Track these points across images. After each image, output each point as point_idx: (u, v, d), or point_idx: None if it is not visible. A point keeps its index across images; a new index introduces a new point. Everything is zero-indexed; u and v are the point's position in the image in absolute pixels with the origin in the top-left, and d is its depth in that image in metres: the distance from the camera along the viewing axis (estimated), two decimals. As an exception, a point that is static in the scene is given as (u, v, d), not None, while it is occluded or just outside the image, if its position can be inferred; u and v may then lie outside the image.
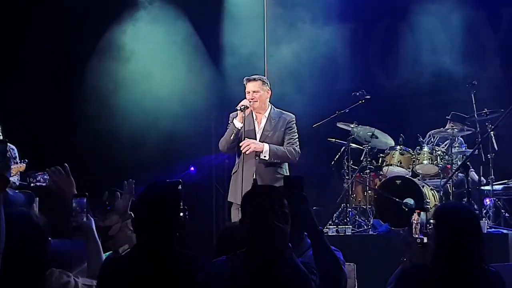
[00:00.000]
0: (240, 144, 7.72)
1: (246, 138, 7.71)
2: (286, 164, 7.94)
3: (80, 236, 3.96)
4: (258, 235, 3.49)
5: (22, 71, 10.77)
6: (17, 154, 8.68)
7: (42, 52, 10.83)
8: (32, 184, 4.14)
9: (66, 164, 4.24)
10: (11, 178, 8.17)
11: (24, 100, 10.28)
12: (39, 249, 3.69)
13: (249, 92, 7.80)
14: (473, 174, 9.77)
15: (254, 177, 7.63)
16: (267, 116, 7.87)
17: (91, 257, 3.88)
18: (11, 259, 3.51)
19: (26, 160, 8.51)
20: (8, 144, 8.72)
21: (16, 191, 4.73)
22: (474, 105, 9.97)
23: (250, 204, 3.63)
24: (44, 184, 4.16)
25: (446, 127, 10.34)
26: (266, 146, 7.73)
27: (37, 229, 3.74)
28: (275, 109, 7.96)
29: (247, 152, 7.71)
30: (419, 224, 4.09)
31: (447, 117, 10.53)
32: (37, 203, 4.31)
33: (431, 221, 4.10)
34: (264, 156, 7.73)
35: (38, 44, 10.85)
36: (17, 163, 8.54)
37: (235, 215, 7.54)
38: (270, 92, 7.92)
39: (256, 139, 7.84)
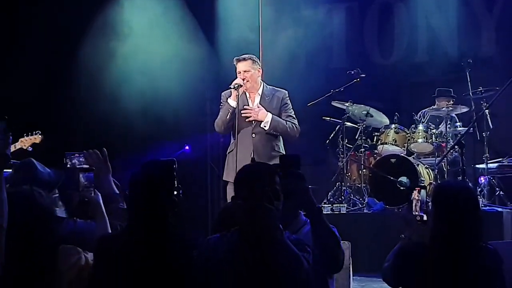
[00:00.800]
0: (242, 112, 7.64)
1: (243, 115, 7.64)
2: (282, 141, 7.88)
3: (88, 211, 3.96)
4: (248, 215, 3.47)
5: (15, 49, 10.72)
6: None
7: (36, 27, 10.78)
8: (68, 165, 4.11)
9: (104, 149, 4.21)
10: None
11: (17, 79, 10.23)
12: (44, 228, 3.68)
13: (240, 72, 7.70)
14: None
15: (252, 155, 7.57)
16: (260, 94, 7.79)
17: (100, 232, 3.88)
18: (15, 238, 3.51)
19: (40, 132, 8.44)
20: None
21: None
22: (469, 83, 9.96)
23: (241, 184, 3.62)
24: (79, 166, 4.15)
25: (436, 106, 10.34)
26: (268, 116, 7.63)
27: (40, 208, 3.73)
28: (268, 86, 7.90)
29: (246, 120, 7.63)
30: (419, 202, 4.08)
31: (432, 95, 10.54)
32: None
33: (429, 198, 4.10)
34: (264, 126, 7.62)
35: (33, 21, 10.79)
36: (30, 134, 8.44)
37: (231, 194, 7.52)
38: (261, 70, 7.85)
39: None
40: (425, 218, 4.05)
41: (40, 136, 8.37)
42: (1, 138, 3.65)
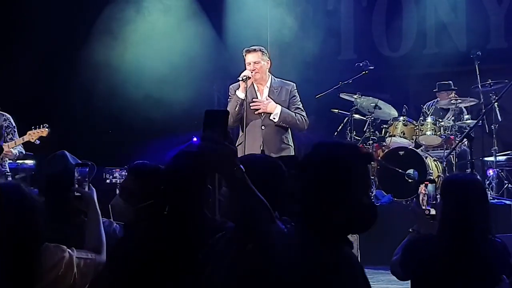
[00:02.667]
0: (251, 104, 7.62)
1: (252, 108, 7.63)
2: (290, 134, 7.87)
3: (82, 206, 3.93)
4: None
5: (22, 43, 10.74)
6: (12, 122, 8.60)
7: (43, 21, 10.79)
8: (107, 180, 4.09)
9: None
10: (17, 149, 8.25)
11: (24, 73, 10.26)
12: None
13: (249, 64, 7.67)
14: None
15: (262, 148, 7.56)
16: (269, 87, 7.77)
17: (91, 228, 3.85)
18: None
19: (47, 125, 8.44)
20: (4, 113, 8.71)
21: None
22: (478, 76, 9.93)
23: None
24: (119, 181, 4.13)
25: (440, 99, 10.34)
26: (278, 108, 7.61)
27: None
28: (275, 78, 7.88)
29: (255, 112, 7.62)
30: (426, 196, 4.06)
31: (434, 90, 10.52)
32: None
33: (437, 192, 4.09)
34: (273, 118, 7.61)
35: (40, 15, 10.81)
36: (38, 127, 8.47)
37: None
38: (270, 62, 7.83)
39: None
40: (432, 212, 4.04)
41: (47, 129, 8.37)
42: None
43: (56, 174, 4.09)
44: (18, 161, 8.79)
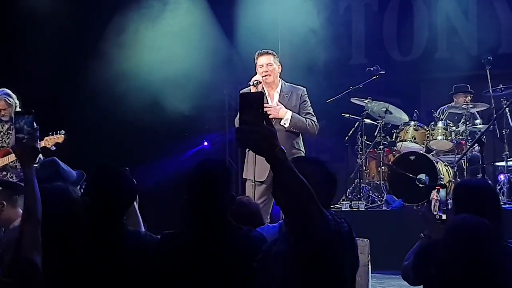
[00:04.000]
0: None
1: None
2: (301, 139, 7.87)
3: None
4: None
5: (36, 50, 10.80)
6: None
7: (56, 27, 10.84)
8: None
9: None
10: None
11: (38, 79, 10.31)
12: (75, 224, 3.70)
13: (262, 66, 7.67)
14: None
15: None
16: (279, 92, 7.76)
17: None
18: (48, 233, 3.53)
19: (63, 131, 8.51)
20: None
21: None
22: (489, 80, 9.91)
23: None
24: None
25: (454, 103, 10.32)
26: (288, 114, 7.58)
27: (73, 204, 3.74)
28: (286, 83, 7.88)
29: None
30: (438, 202, 4.06)
31: (450, 92, 10.51)
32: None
33: (450, 197, 4.08)
34: (284, 124, 7.59)
35: (53, 21, 10.86)
36: (54, 133, 8.53)
37: (249, 191, 7.52)
38: (281, 66, 7.84)
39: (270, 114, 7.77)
40: (444, 217, 4.03)
41: (63, 135, 8.44)
42: (30, 132, 3.62)
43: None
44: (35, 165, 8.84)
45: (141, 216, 4.22)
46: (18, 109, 8.67)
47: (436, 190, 4.11)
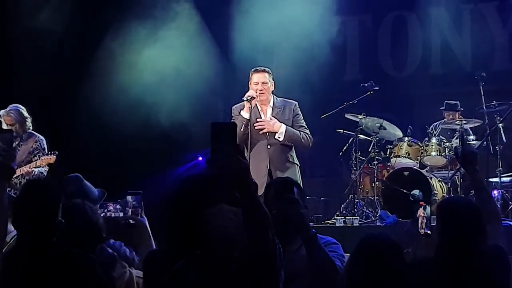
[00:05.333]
0: (256, 125, 7.66)
1: (256, 128, 7.66)
2: (295, 152, 7.90)
3: (134, 234, 3.95)
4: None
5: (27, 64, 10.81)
6: (45, 145, 8.80)
7: (50, 40, 10.86)
8: (102, 214, 4.08)
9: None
10: (38, 170, 8.43)
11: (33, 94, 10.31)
12: (96, 240, 3.70)
13: (257, 83, 7.72)
14: None
15: (268, 167, 7.58)
16: (272, 106, 7.83)
17: (144, 250, 3.87)
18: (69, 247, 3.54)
19: (56, 152, 8.56)
20: (37, 134, 8.94)
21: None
22: (482, 96, 9.94)
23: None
24: (113, 215, 4.15)
25: (444, 119, 10.36)
26: (283, 127, 7.65)
27: (91, 221, 3.74)
28: (278, 98, 7.94)
29: (260, 132, 7.66)
30: (425, 218, 4.08)
31: (441, 107, 10.53)
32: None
33: (434, 215, 4.09)
34: (279, 137, 7.65)
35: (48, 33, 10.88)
36: (46, 154, 8.64)
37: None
38: (274, 84, 7.90)
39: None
40: (429, 233, 4.04)
41: (54, 156, 8.49)
42: (7, 150, 3.61)
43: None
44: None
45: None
46: (29, 125, 8.77)
47: (422, 207, 4.13)
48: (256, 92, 7.67)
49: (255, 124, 7.66)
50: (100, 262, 3.75)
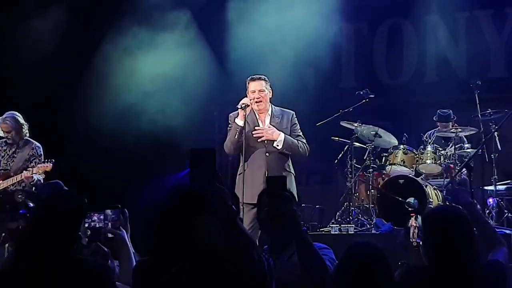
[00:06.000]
0: (253, 133, 7.68)
1: (254, 136, 7.68)
2: (291, 161, 7.92)
3: (114, 248, 3.99)
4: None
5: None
6: (42, 152, 8.81)
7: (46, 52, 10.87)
8: (86, 224, 4.09)
9: (126, 210, 4.21)
10: (37, 176, 8.48)
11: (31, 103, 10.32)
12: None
13: (253, 91, 7.75)
14: None
15: (267, 175, 7.58)
16: (270, 115, 7.85)
17: (125, 267, 3.89)
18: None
19: (53, 160, 8.57)
20: (34, 141, 8.99)
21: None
22: (478, 105, 9.96)
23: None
24: (97, 225, 4.15)
25: (438, 128, 10.38)
26: (281, 136, 7.68)
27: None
28: (275, 107, 7.96)
29: (258, 140, 7.68)
30: (416, 228, 4.06)
31: (434, 118, 10.54)
32: None
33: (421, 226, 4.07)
34: (277, 145, 7.66)
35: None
36: (42, 161, 8.65)
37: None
38: (272, 91, 7.91)
39: (262, 138, 7.82)
40: (421, 243, 4.02)
41: (51, 164, 8.50)
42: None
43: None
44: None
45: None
46: (26, 131, 8.79)
47: (414, 217, 4.11)
48: (253, 100, 7.69)
49: (253, 132, 7.68)
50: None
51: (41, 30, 10.84)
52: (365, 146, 10.30)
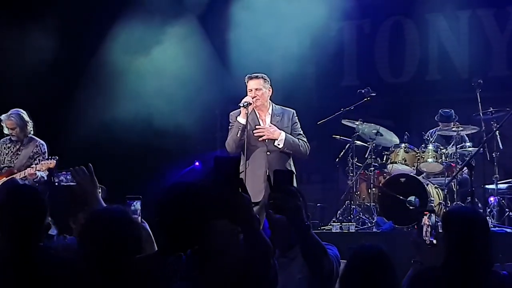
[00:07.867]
0: (254, 132, 7.69)
1: (255, 135, 7.69)
2: (292, 159, 7.93)
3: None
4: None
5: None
6: (46, 150, 8.88)
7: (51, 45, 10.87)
8: (56, 183, 4.13)
9: (90, 164, 4.22)
10: (40, 173, 8.56)
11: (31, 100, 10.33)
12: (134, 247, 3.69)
13: (251, 90, 7.77)
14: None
15: (268, 174, 7.59)
16: (270, 113, 7.86)
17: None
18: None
19: (57, 157, 8.61)
20: (38, 139, 9.06)
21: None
22: (479, 103, 9.94)
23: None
24: (66, 184, 4.17)
25: (440, 127, 10.38)
26: (282, 135, 7.69)
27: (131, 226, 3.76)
28: (276, 105, 7.97)
29: (259, 139, 7.69)
30: (429, 227, 4.06)
31: (436, 118, 10.53)
32: None
33: (439, 224, 4.08)
34: (278, 144, 7.68)
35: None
36: (46, 158, 8.71)
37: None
38: (271, 90, 7.92)
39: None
40: (435, 242, 4.03)
41: (54, 161, 8.56)
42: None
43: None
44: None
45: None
46: (30, 129, 8.85)
47: (426, 215, 4.11)
48: (252, 98, 7.71)
49: (254, 131, 7.69)
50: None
51: (44, 27, 10.87)
52: (366, 145, 10.30)
